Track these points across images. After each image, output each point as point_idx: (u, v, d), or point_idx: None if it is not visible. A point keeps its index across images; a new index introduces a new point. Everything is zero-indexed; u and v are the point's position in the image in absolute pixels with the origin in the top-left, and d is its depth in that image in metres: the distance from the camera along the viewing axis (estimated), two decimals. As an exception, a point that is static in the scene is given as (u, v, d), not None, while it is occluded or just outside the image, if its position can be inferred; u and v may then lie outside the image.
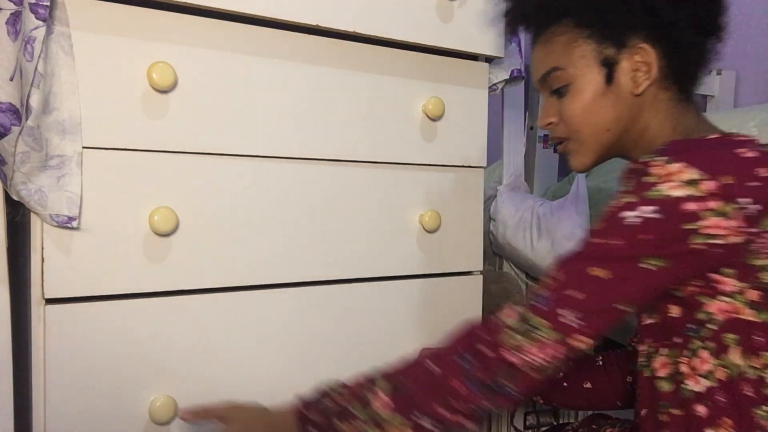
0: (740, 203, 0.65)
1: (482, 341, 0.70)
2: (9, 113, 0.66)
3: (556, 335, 0.67)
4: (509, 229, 1.52)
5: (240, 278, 0.84)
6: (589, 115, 0.80)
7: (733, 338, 0.68)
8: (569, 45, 0.80)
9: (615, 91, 0.79)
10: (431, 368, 0.72)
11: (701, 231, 0.65)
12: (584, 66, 0.79)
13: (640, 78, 0.78)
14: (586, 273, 0.68)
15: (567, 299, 0.67)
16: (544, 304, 0.68)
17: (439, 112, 0.96)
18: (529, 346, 0.67)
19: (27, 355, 0.75)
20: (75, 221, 0.71)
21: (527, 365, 0.67)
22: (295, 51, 0.86)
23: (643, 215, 0.66)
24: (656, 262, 0.66)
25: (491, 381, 0.69)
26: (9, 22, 0.65)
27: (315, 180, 0.89)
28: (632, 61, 0.78)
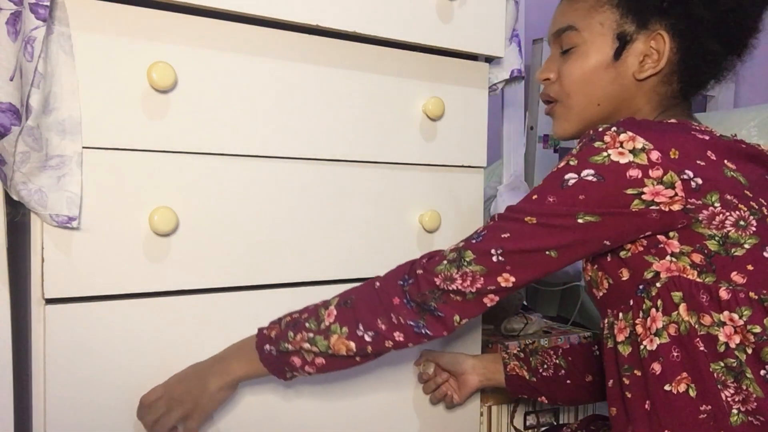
0: (685, 175, 0.67)
1: (421, 266, 0.75)
2: (9, 113, 0.66)
3: (481, 269, 0.72)
4: (509, 229, 1.51)
5: (240, 278, 0.84)
6: (585, 83, 0.80)
7: (679, 296, 0.70)
8: (593, 8, 0.80)
9: (619, 68, 0.79)
10: (377, 287, 0.77)
11: (642, 197, 0.67)
12: (599, 33, 0.79)
13: (647, 64, 0.78)
14: (521, 220, 0.72)
15: (497, 239, 0.72)
16: (477, 240, 0.74)
17: (439, 112, 0.96)
18: (458, 278, 0.73)
19: (27, 355, 0.75)
20: (75, 221, 0.71)
21: (452, 292, 0.73)
22: (295, 51, 0.86)
23: (583, 178, 0.69)
24: (590, 218, 0.69)
25: (422, 299, 0.74)
26: (9, 22, 0.65)
27: (315, 180, 0.89)
28: (646, 45, 0.77)
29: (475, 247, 0.73)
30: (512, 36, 1.07)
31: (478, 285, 0.72)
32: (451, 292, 0.73)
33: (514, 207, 0.74)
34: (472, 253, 0.73)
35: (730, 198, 0.68)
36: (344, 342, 0.75)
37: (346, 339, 0.75)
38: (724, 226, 0.68)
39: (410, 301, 0.75)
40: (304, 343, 0.75)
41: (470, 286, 0.73)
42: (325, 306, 0.78)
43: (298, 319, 0.78)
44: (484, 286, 0.72)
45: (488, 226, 0.75)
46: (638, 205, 0.68)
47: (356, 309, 0.76)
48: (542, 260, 0.71)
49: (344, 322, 0.75)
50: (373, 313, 0.75)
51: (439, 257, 0.75)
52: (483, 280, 0.72)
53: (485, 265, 0.72)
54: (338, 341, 0.75)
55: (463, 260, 0.73)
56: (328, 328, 0.75)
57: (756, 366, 0.67)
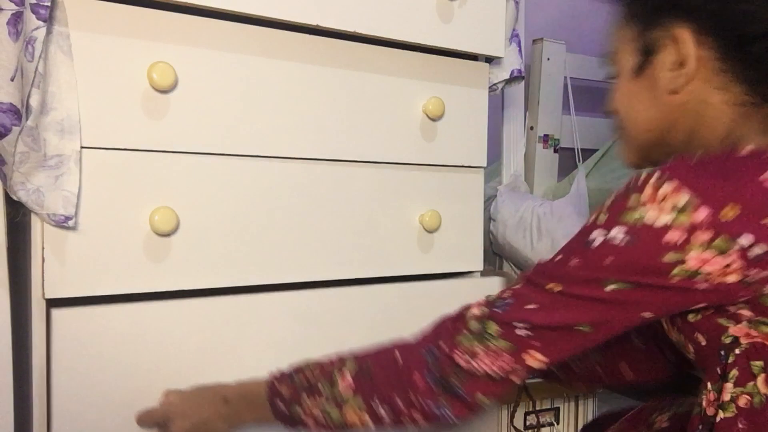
0: (744, 240, 0.56)
1: (443, 338, 0.68)
2: (10, 113, 0.66)
3: (506, 345, 0.64)
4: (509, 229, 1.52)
5: (240, 278, 0.84)
6: (627, 107, 0.73)
7: (759, 365, 0.61)
8: (621, 26, 0.73)
9: (649, 86, 0.69)
10: (397, 357, 0.70)
11: (685, 265, 0.57)
12: (628, 51, 0.71)
13: (677, 73, 0.67)
14: (544, 287, 0.64)
15: (522, 311, 0.64)
16: (502, 309, 0.65)
17: (439, 112, 0.96)
18: (482, 354, 0.64)
19: (27, 356, 0.75)
20: (71, 221, 0.71)
21: (475, 370, 0.65)
22: (295, 51, 0.86)
23: (609, 239, 0.60)
24: (619, 286, 0.60)
25: (444, 378, 0.66)
26: (10, 23, 0.65)
27: (315, 180, 0.89)
28: (670, 52, 0.67)
29: (500, 318, 0.65)
30: (512, 36, 1.07)
31: (502, 364, 0.64)
32: (474, 371, 0.65)
33: (539, 269, 0.66)
34: (496, 326, 0.64)
35: None
36: (358, 415, 0.69)
37: (360, 411, 0.69)
38: None
39: (431, 377, 0.67)
40: (315, 409, 0.71)
41: (494, 365, 0.64)
42: (340, 367, 0.72)
43: (311, 380, 0.72)
44: (509, 366, 0.64)
45: (514, 292, 0.66)
46: (679, 275, 0.57)
47: (374, 380, 0.69)
48: (575, 336, 0.63)
49: (359, 394, 0.69)
50: (391, 387, 0.68)
51: (462, 324, 0.67)
52: (508, 359, 0.64)
53: (511, 340, 0.63)
54: (352, 413, 0.69)
55: (487, 333, 0.65)
56: (341, 397, 0.70)
57: None
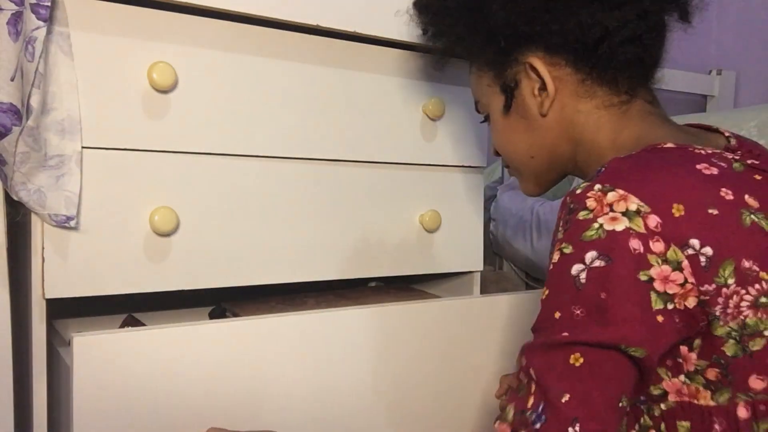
0: (693, 247, 0.53)
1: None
2: (10, 113, 0.66)
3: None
4: (509, 229, 1.52)
5: (240, 279, 0.84)
6: (507, 144, 0.76)
7: (686, 426, 0.58)
8: (479, 75, 0.77)
9: (523, 115, 0.72)
10: None
11: (655, 286, 0.54)
12: (491, 94, 0.75)
13: (542, 96, 0.70)
14: (572, 368, 0.54)
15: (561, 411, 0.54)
16: (540, 423, 0.54)
17: (439, 112, 0.96)
18: None
19: (27, 356, 0.75)
20: (73, 221, 0.71)
21: None
22: (295, 51, 0.86)
23: (591, 267, 0.54)
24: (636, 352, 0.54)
25: None
26: (10, 23, 0.65)
27: (315, 180, 0.89)
28: (530, 80, 0.70)
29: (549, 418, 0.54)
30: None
31: None
32: None
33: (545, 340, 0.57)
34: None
35: (749, 265, 0.54)
36: None
37: None
38: (740, 311, 0.54)
39: None
40: None
41: None
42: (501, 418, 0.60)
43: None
44: None
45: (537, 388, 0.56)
46: (657, 304, 0.54)
47: None
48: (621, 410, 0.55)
49: None
50: None
51: None
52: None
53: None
54: None
55: None
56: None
57: None
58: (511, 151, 0.77)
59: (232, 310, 0.93)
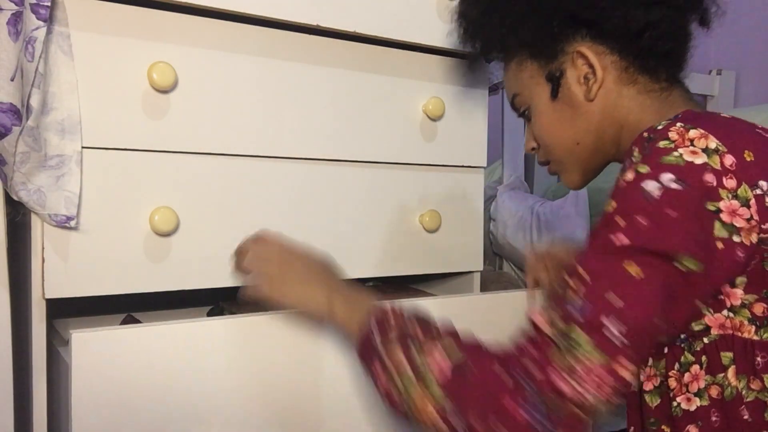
0: (759, 189, 0.58)
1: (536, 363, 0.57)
2: (10, 113, 0.66)
3: (601, 358, 0.54)
4: (509, 229, 1.52)
5: (240, 278, 0.84)
6: (552, 133, 0.78)
7: (729, 357, 0.61)
8: (519, 69, 0.79)
9: (568, 103, 0.76)
10: (499, 374, 0.58)
11: (722, 217, 0.57)
12: (534, 86, 0.78)
13: (590, 83, 0.74)
14: (623, 270, 0.56)
15: (607, 306, 0.55)
16: (580, 311, 0.56)
17: (439, 112, 0.96)
18: (578, 367, 0.54)
19: (27, 356, 0.75)
20: (73, 221, 0.71)
21: (579, 398, 0.54)
22: (295, 51, 0.86)
23: (666, 186, 0.57)
24: (693, 265, 0.57)
25: (538, 407, 0.55)
26: (10, 23, 0.65)
27: (315, 180, 0.89)
28: (577, 68, 0.74)
29: (584, 321, 0.55)
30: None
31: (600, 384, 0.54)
32: (569, 402, 0.54)
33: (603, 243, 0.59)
34: (583, 333, 0.55)
35: None
36: (431, 409, 0.59)
37: (434, 407, 0.59)
38: None
39: (523, 406, 0.55)
40: (393, 372, 0.62)
41: (592, 390, 0.54)
42: (440, 339, 0.62)
43: (408, 334, 0.64)
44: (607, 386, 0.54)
45: (585, 279, 0.58)
46: (720, 232, 0.57)
47: (466, 387, 0.58)
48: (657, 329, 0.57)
49: (447, 391, 0.59)
50: (478, 403, 0.57)
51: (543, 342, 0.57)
52: (606, 377, 0.54)
53: (606, 351, 0.54)
54: (425, 403, 0.59)
55: (576, 345, 0.55)
56: (425, 379, 0.60)
57: None
58: (557, 140, 0.78)
59: (230, 309, 0.93)
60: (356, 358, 0.69)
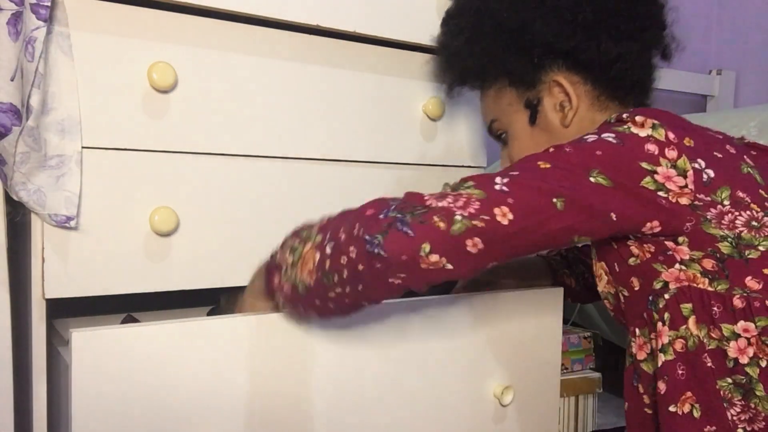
0: (698, 164, 0.65)
1: (409, 195, 0.65)
2: (10, 113, 0.66)
3: (479, 193, 0.62)
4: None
5: (240, 279, 0.84)
6: None
7: (689, 308, 0.66)
8: (498, 96, 0.84)
9: (545, 128, 0.81)
10: (367, 201, 0.68)
11: (655, 177, 0.64)
12: (513, 112, 0.83)
13: (566, 110, 0.80)
14: (533, 162, 0.66)
15: (505, 174, 0.64)
16: (482, 173, 0.67)
17: (439, 112, 0.96)
18: (449, 195, 0.62)
19: (27, 355, 0.75)
20: (73, 221, 0.71)
21: (435, 208, 0.61)
22: (295, 51, 0.86)
23: (602, 138, 0.66)
24: (602, 180, 0.64)
25: (399, 212, 0.61)
26: (10, 23, 0.65)
27: (315, 180, 0.89)
28: (554, 95, 0.80)
29: (479, 176, 0.65)
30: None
31: (470, 209, 0.60)
32: (435, 212, 0.60)
33: (528, 156, 0.69)
34: (473, 181, 0.64)
35: (742, 196, 0.66)
36: (311, 253, 0.65)
37: (314, 248, 0.65)
38: (735, 225, 0.65)
39: (385, 214, 0.62)
40: (287, 253, 0.68)
41: (461, 209, 0.60)
42: (312, 224, 0.70)
43: (301, 228, 0.70)
44: (477, 213, 0.60)
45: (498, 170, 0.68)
46: (649, 184, 0.64)
47: (335, 218, 0.68)
48: (545, 207, 0.62)
49: (321, 230, 0.67)
50: (343, 221, 0.66)
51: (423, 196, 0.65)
52: (478, 206, 0.61)
53: (485, 190, 0.62)
54: (308, 251, 0.66)
55: (463, 185, 0.64)
56: (308, 237, 0.67)
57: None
58: None
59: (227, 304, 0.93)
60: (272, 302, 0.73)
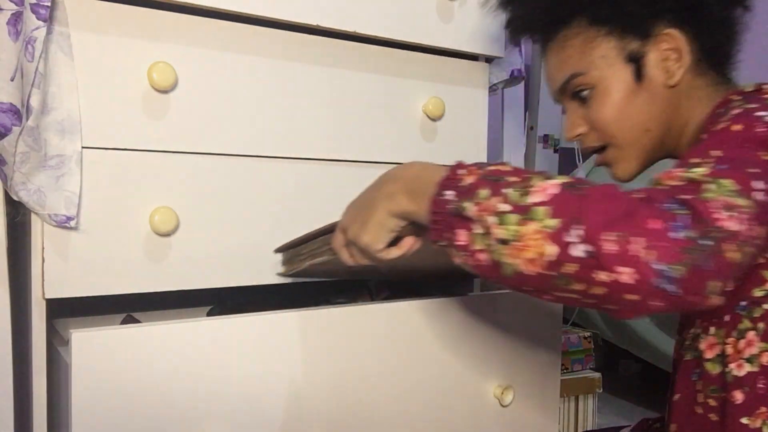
0: None
1: (684, 192, 0.51)
2: (10, 113, 0.66)
3: (748, 205, 0.50)
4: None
5: (239, 279, 0.84)
6: (623, 118, 0.73)
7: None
8: (586, 46, 0.74)
9: (647, 86, 0.72)
10: (623, 194, 0.52)
11: None
12: (607, 66, 0.73)
13: (672, 67, 0.72)
14: (757, 156, 0.55)
15: (748, 173, 0.53)
16: (722, 168, 0.53)
17: (439, 112, 0.96)
18: (739, 208, 0.50)
19: (27, 356, 0.75)
20: (73, 221, 0.71)
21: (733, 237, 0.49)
22: (295, 51, 0.86)
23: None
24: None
25: (700, 236, 0.48)
26: (10, 23, 0.65)
27: (315, 180, 0.89)
28: (660, 51, 0.72)
29: (732, 175, 0.52)
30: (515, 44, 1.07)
31: (753, 232, 0.50)
32: (727, 239, 0.49)
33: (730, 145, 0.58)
34: (733, 183, 0.51)
35: None
36: (541, 239, 0.51)
37: (545, 237, 0.50)
38: None
39: (677, 232, 0.48)
40: (488, 215, 0.54)
41: (748, 229, 0.50)
42: (543, 177, 0.55)
43: (501, 177, 0.56)
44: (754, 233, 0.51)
45: (715, 156, 0.56)
46: None
47: (585, 202, 0.51)
48: None
49: (558, 212, 0.51)
50: (608, 218, 0.49)
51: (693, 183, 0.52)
52: (752, 223, 0.50)
53: (754, 200, 0.51)
54: (533, 234, 0.51)
55: (725, 189, 0.51)
56: (529, 208, 0.52)
57: None
58: (626, 124, 0.73)
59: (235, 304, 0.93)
60: (433, 242, 0.61)
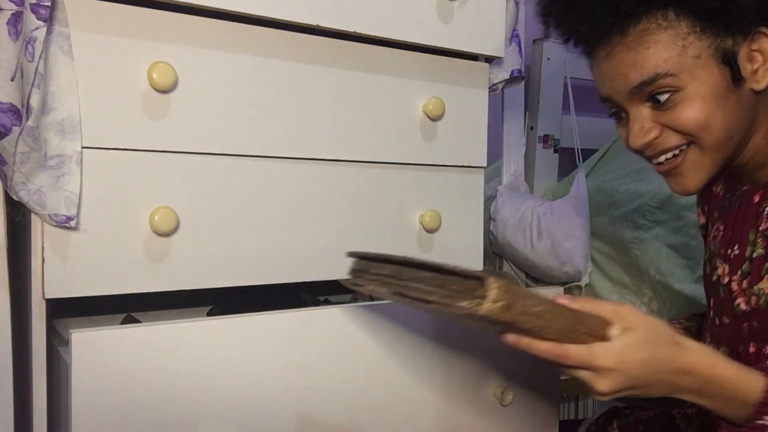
0: None
1: None
2: (10, 113, 0.66)
3: None
4: (509, 229, 1.52)
5: (239, 279, 0.84)
6: (713, 121, 0.66)
7: None
8: (674, 44, 0.65)
9: (739, 90, 0.66)
10: None
11: None
12: (700, 66, 0.65)
13: (761, 69, 0.66)
14: None
15: None
16: None
17: (439, 112, 0.96)
18: None
19: (27, 356, 0.75)
20: (73, 221, 0.71)
21: None
22: (295, 51, 0.86)
23: None
24: None
25: None
26: (10, 23, 0.65)
27: (315, 180, 0.89)
28: (749, 51, 0.66)
29: None
30: (512, 36, 1.07)
31: None
32: None
33: None
34: None
35: None
36: None
37: None
38: None
39: None
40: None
41: None
42: None
43: None
44: None
45: None
46: None
47: None
48: None
49: None
50: None
51: None
52: None
53: None
54: None
55: None
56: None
57: None
58: (714, 131, 0.67)
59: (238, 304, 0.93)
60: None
